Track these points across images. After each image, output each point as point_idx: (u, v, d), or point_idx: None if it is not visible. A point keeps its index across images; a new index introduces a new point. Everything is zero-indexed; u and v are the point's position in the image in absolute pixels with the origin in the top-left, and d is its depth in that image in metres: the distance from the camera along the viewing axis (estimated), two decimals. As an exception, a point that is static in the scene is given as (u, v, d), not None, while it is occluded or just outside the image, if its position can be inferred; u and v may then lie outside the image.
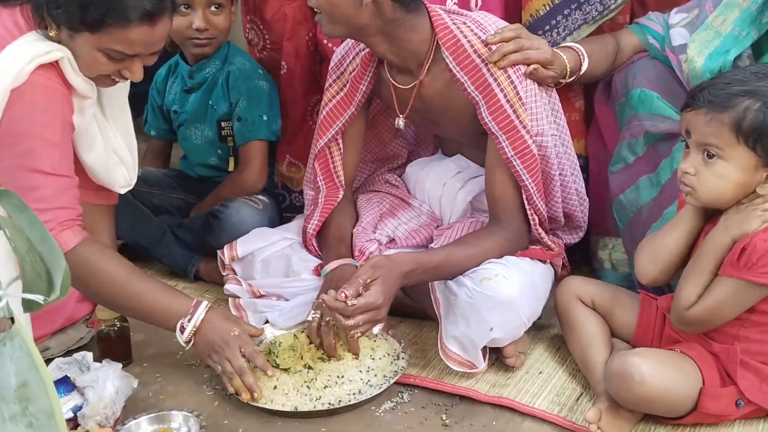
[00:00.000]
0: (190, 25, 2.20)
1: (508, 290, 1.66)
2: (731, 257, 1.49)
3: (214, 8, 2.20)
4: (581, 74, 1.95)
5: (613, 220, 2.05)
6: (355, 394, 1.67)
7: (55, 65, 1.62)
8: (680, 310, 1.53)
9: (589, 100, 2.19)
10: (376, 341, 1.81)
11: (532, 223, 1.83)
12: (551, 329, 1.91)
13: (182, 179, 2.47)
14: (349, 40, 1.98)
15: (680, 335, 1.64)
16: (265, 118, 2.29)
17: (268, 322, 1.91)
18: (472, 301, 1.66)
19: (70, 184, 1.64)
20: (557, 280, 1.90)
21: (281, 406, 1.65)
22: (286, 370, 1.72)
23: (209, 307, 1.68)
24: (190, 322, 1.65)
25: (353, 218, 2.09)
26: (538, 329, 1.90)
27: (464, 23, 1.81)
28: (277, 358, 1.73)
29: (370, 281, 1.59)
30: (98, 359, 1.84)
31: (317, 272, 1.96)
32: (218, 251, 2.08)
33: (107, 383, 1.66)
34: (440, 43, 1.78)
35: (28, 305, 0.91)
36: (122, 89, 1.86)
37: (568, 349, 1.82)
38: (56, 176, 1.61)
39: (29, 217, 0.92)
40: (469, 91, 1.79)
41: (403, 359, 1.78)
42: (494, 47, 1.76)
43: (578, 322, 1.77)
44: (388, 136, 2.17)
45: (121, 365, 1.72)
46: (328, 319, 1.72)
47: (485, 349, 1.72)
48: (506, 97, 1.76)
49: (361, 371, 1.73)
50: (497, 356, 1.78)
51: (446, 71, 1.81)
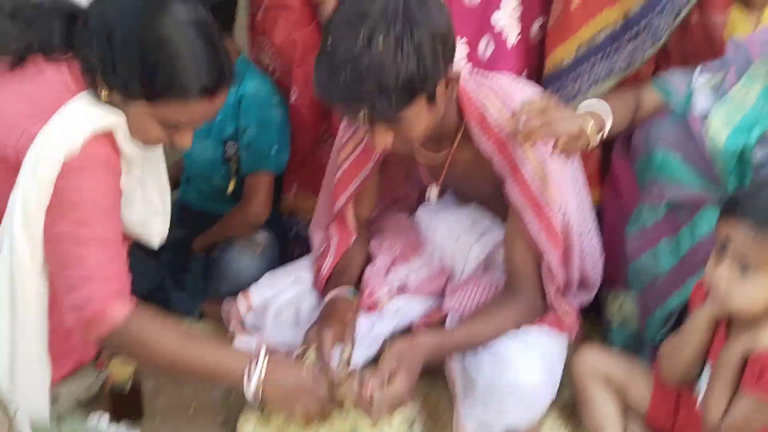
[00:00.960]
0: None
1: (529, 379, 1.67)
2: (751, 377, 1.51)
3: None
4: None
5: (624, 274, 2.07)
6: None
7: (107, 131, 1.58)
8: (713, 424, 1.56)
9: (605, 147, 2.16)
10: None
11: (548, 292, 1.83)
12: (563, 392, 1.93)
13: (184, 213, 2.43)
14: None
15: (697, 429, 1.68)
16: (274, 149, 2.26)
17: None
18: (491, 388, 1.67)
19: (118, 253, 1.59)
20: (571, 343, 1.92)
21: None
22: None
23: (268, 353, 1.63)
24: (256, 370, 1.59)
25: (363, 254, 2.07)
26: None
27: (491, 89, 1.75)
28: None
29: (394, 370, 1.60)
30: (111, 415, 1.86)
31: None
32: (223, 303, 2.06)
33: (124, 454, 1.68)
34: (467, 116, 1.74)
35: None
36: None
37: (578, 415, 1.86)
38: (105, 246, 1.56)
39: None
40: (496, 166, 1.76)
41: (417, 424, 1.80)
42: (522, 121, 1.70)
43: (592, 400, 1.81)
44: (399, 178, 2.13)
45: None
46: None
47: (501, 427, 1.75)
48: (534, 172, 1.73)
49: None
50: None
51: (473, 140, 1.77)
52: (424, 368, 1.71)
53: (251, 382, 1.58)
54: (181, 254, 2.33)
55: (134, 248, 2.21)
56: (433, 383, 1.97)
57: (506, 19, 2.09)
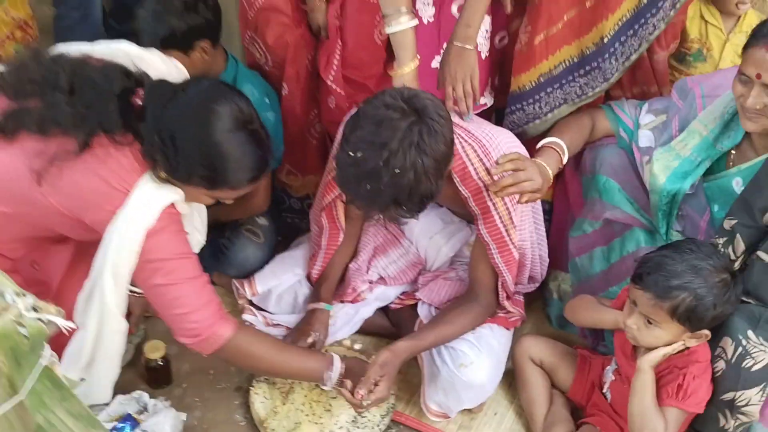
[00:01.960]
0: None
1: (480, 377, 2.15)
2: (671, 391, 1.96)
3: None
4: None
5: (564, 256, 2.50)
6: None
7: None
8: None
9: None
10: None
11: (501, 297, 2.27)
12: (506, 364, 2.42)
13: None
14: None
15: (602, 409, 2.19)
16: None
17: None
18: (451, 381, 2.15)
19: (204, 281, 1.92)
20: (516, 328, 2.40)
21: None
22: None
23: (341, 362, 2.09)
24: (333, 375, 2.06)
25: (348, 255, 2.48)
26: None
27: (471, 146, 2.07)
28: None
29: (379, 378, 2.05)
30: (148, 384, 2.33)
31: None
32: (233, 281, 2.48)
33: (165, 427, 2.14)
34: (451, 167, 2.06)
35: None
36: None
37: (516, 388, 2.37)
38: (194, 282, 1.89)
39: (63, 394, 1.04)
40: (471, 206, 2.12)
41: (392, 395, 2.29)
42: (496, 177, 2.04)
43: (528, 379, 2.31)
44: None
45: (174, 410, 2.18)
46: None
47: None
48: (501, 219, 2.11)
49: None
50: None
51: (453, 182, 2.10)
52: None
53: (329, 382, 2.07)
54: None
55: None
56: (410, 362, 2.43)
57: (480, 39, 2.36)
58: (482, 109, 2.21)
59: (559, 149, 2.23)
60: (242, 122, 1.82)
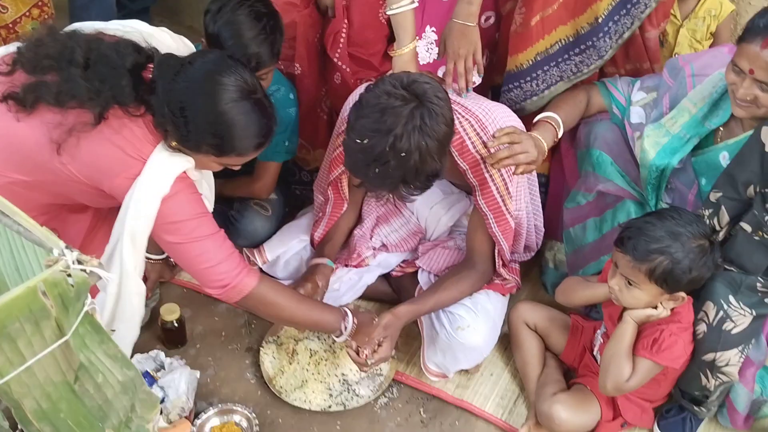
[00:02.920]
0: None
1: (476, 340, 2.28)
2: (646, 344, 2.09)
3: (262, 77, 2.30)
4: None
5: (560, 227, 2.63)
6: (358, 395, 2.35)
7: None
8: (621, 382, 2.09)
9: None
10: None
11: (497, 265, 2.40)
12: (502, 329, 2.55)
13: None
14: (357, 92, 2.34)
15: (593, 370, 2.33)
16: (286, 143, 2.64)
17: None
18: (448, 343, 2.29)
19: (223, 235, 2.04)
20: (511, 294, 2.53)
21: (309, 405, 2.32)
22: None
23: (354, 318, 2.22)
24: (346, 330, 2.20)
25: (352, 221, 2.60)
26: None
27: (468, 121, 2.19)
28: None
29: (382, 339, 2.19)
30: (164, 344, 2.47)
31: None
32: (244, 250, 2.61)
33: (181, 383, 2.28)
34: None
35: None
36: None
37: (511, 351, 2.51)
38: (214, 237, 2.00)
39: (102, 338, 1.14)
40: (469, 178, 2.24)
41: (393, 357, 2.43)
42: (492, 150, 2.16)
43: (522, 342, 2.44)
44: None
45: (188, 368, 2.32)
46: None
47: (454, 365, 2.39)
48: (498, 190, 2.23)
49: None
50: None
51: (453, 158, 2.22)
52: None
53: (344, 335, 2.21)
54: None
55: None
56: (410, 326, 2.57)
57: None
58: (472, 87, 2.31)
59: (554, 123, 2.34)
60: (246, 92, 1.92)
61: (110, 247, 2.02)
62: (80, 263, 1.04)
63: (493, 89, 2.66)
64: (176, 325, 2.45)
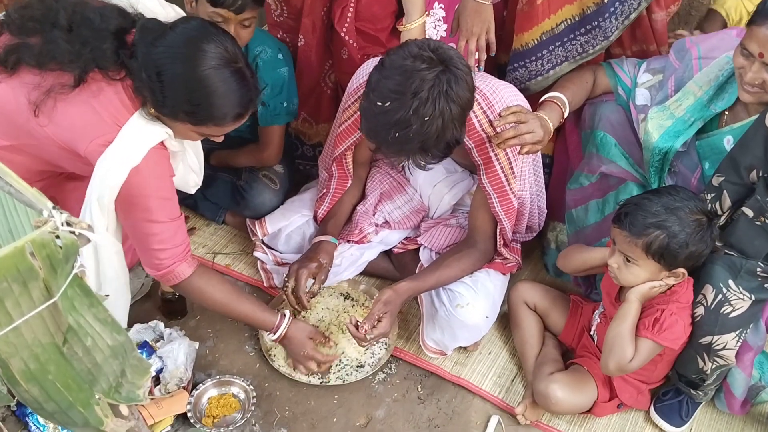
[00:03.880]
0: None
1: (475, 318, 2.29)
2: (647, 324, 2.09)
3: (245, 23, 2.35)
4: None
5: (562, 208, 2.62)
6: (358, 368, 2.36)
7: None
8: (624, 363, 2.09)
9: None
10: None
11: (498, 244, 2.40)
12: (502, 308, 2.55)
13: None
14: (365, 67, 2.33)
15: (591, 351, 2.33)
16: (284, 104, 2.63)
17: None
18: (447, 320, 2.29)
19: (179, 224, 2.06)
20: (512, 274, 2.53)
21: (307, 378, 2.33)
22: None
23: (289, 321, 2.27)
24: (276, 333, 2.26)
25: (356, 197, 2.60)
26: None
27: (476, 99, 2.14)
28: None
29: (382, 315, 2.19)
30: (164, 315, 2.48)
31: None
32: (248, 220, 2.61)
33: (180, 354, 2.30)
34: None
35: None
36: None
37: (510, 330, 2.51)
38: (170, 222, 2.02)
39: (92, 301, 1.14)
40: (474, 156, 2.23)
41: (392, 334, 2.44)
42: (498, 129, 2.15)
43: (522, 322, 2.44)
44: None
45: (188, 339, 2.34)
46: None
47: (452, 343, 2.39)
48: (502, 169, 2.22)
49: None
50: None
51: None
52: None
53: (275, 335, 2.25)
54: (206, 168, 2.80)
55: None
56: (410, 302, 2.57)
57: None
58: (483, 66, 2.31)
59: (560, 103, 2.33)
60: (227, 60, 1.89)
61: (83, 209, 2.02)
62: (69, 225, 1.04)
63: (498, 68, 2.64)
64: (176, 296, 2.46)
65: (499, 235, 2.37)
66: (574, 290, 2.60)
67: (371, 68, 2.03)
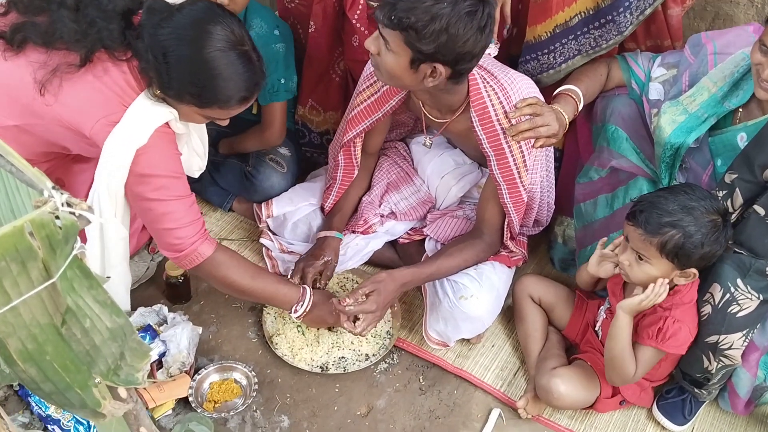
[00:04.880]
0: None
1: (479, 310, 2.27)
2: (651, 333, 2.07)
3: None
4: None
5: (570, 202, 2.59)
6: (360, 359, 2.35)
7: None
8: (628, 378, 2.11)
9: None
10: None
11: (505, 237, 2.38)
12: (506, 301, 2.53)
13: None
14: None
15: (594, 346, 2.31)
16: (282, 81, 2.59)
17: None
18: (451, 312, 2.28)
19: (192, 201, 2.04)
20: (517, 267, 2.51)
21: (309, 366, 2.33)
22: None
23: (312, 295, 2.25)
24: (301, 307, 2.22)
25: (363, 189, 2.59)
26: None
27: (493, 89, 2.13)
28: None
29: (369, 292, 2.17)
30: (168, 299, 2.48)
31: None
32: (255, 205, 2.60)
33: (183, 338, 2.30)
34: (471, 105, 2.14)
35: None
36: None
37: (514, 324, 2.50)
38: (182, 200, 2.01)
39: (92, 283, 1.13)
40: (485, 147, 2.20)
41: (395, 323, 2.43)
42: (513, 121, 2.12)
43: (526, 316, 2.43)
44: (401, 108, 2.53)
45: (191, 323, 2.33)
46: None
47: (455, 335, 2.38)
48: (515, 161, 2.19)
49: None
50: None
51: (471, 122, 2.18)
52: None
53: (296, 314, 2.23)
54: (213, 153, 2.79)
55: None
56: (413, 293, 2.57)
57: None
58: (497, 47, 2.28)
59: (575, 96, 2.30)
60: (233, 43, 1.88)
61: (91, 193, 2.02)
62: (69, 206, 1.03)
63: (510, 59, 2.62)
64: (181, 280, 2.45)
65: (506, 227, 2.36)
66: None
67: None
